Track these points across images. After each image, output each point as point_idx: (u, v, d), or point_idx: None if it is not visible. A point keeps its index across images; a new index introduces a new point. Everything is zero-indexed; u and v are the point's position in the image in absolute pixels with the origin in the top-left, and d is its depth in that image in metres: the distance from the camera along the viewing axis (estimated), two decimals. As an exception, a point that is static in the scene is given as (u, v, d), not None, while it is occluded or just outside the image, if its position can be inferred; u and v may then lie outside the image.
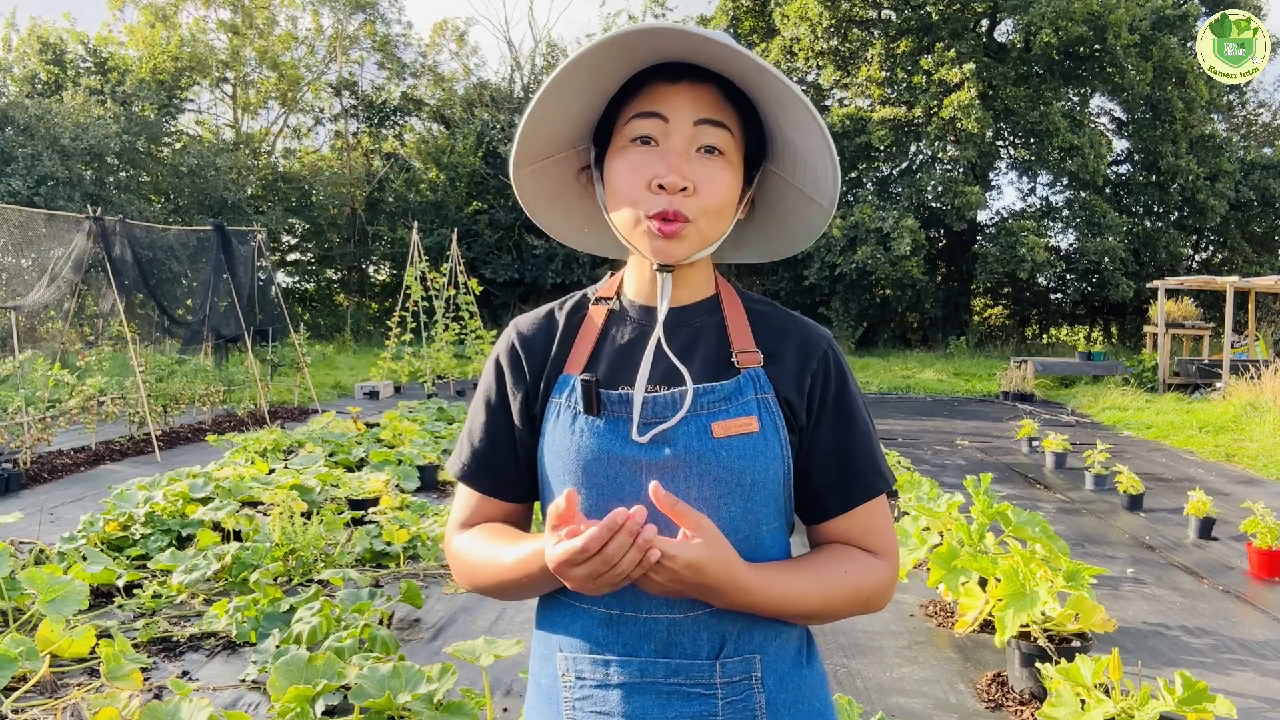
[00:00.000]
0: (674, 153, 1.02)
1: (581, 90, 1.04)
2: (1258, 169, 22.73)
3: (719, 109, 1.03)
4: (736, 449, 1.01)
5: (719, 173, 1.03)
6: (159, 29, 26.11)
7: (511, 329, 1.16)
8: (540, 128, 1.07)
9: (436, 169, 26.21)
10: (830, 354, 1.09)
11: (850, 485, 1.08)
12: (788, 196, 1.14)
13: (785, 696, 1.04)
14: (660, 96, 1.03)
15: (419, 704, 2.71)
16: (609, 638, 1.03)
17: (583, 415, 1.04)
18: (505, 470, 1.13)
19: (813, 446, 1.07)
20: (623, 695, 1.01)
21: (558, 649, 1.06)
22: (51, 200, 18.28)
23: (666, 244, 1.02)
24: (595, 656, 1.03)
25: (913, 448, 9.43)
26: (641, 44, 0.98)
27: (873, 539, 1.09)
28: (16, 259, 9.70)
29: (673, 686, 1.01)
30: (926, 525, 4.50)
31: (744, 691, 1.02)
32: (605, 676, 1.02)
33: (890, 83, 22.94)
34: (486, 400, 1.14)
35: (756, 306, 1.13)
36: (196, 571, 4.32)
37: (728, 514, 1.01)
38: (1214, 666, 3.66)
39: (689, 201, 1.01)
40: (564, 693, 1.05)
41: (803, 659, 1.08)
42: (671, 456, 1.01)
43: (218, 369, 11.81)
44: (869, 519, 1.09)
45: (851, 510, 1.08)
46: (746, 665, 1.02)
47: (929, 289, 22.37)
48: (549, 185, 1.16)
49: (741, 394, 1.04)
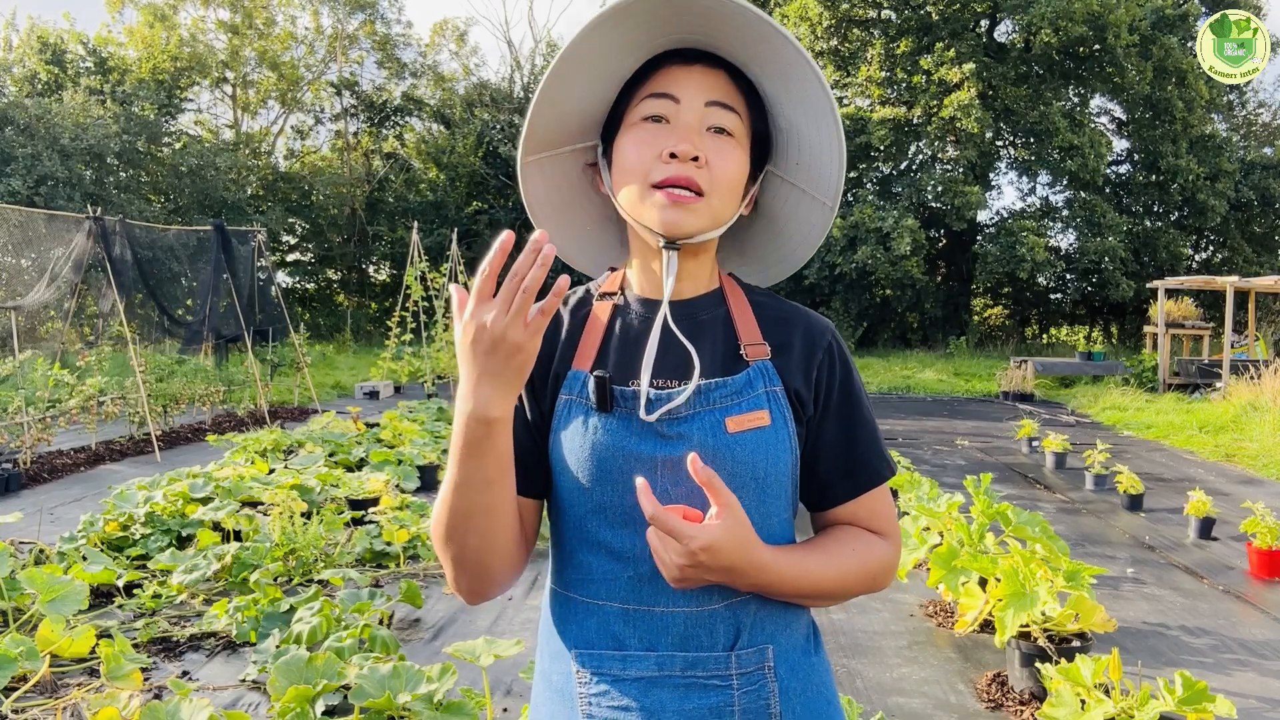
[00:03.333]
0: (685, 125, 1.02)
1: (596, 71, 1.04)
2: (1258, 169, 22.73)
3: (730, 94, 1.05)
4: (750, 443, 1.02)
5: (730, 149, 1.04)
6: (158, 29, 26.11)
7: None
8: (554, 108, 1.07)
9: (436, 169, 26.22)
10: (834, 344, 1.10)
11: (857, 473, 1.10)
12: (789, 200, 1.15)
13: (796, 684, 1.06)
14: (673, 78, 1.04)
15: (419, 704, 2.71)
16: (626, 633, 1.03)
17: (595, 412, 1.04)
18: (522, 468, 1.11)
19: (820, 436, 1.09)
20: (641, 689, 1.02)
21: (573, 645, 1.06)
22: (51, 200, 18.28)
23: (676, 213, 1.01)
24: (613, 652, 1.03)
25: (913, 448, 9.42)
26: (661, 14, 0.99)
27: (879, 522, 1.11)
28: (16, 259, 9.70)
29: (690, 679, 1.01)
30: (926, 525, 4.50)
31: (758, 681, 1.03)
32: (623, 671, 1.02)
33: (890, 83, 22.94)
34: None
35: (759, 299, 1.14)
36: (196, 571, 4.32)
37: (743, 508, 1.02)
38: (1214, 666, 3.65)
39: (701, 172, 1.01)
40: (579, 689, 1.05)
41: (811, 647, 1.10)
42: (687, 452, 1.00)
43: (218, 369, 11.81)
44: (874, 504, 1.11)
45: (858, 498, 1.10)
46: (760, 655, 1.04)
47: (929, 289, 22.37)
48: (554, 178, 1.17)
49: (752, 387, 1.04)
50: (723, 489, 0.95)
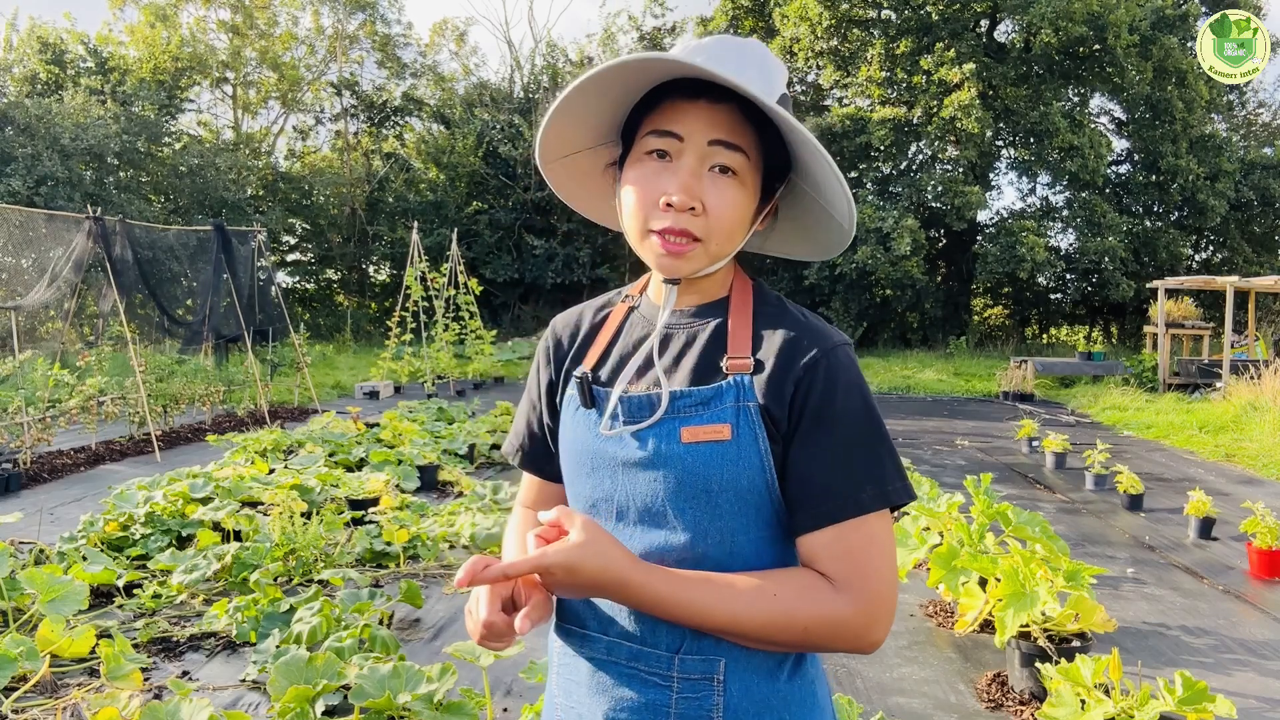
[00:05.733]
0: (685, 170, 1.02)
1: (596, 105, 1.06)
2: (1258, 169, 22.72)
3: (735, 130, 1.02)
4: (702, 455, 1.01)
5: (730, 192, 1.03)
6: (159, 29, 26.09)
7: (552, 323, 1.23)
8: (560, 137, 1.11)
9: (436, 169, 26.21)
10: (823, 362, 1.02)
11: (818, 501, 1.00)
12: (812, 210, 1.14)
13: (749, 706, 1.03)
14: (677, 114, 1.03)
15: (419, 704, 2.71)
16: (587, 614, 1.09)
17: (581, 409, 1.11)
18: (541, 454, 1.23)
19: (788, 458, 1.02)
20: (592, 668, 1.08)
21: (557, 618, 1.14)
22: (51, 200, 18.27)
23: (671, 261, 1.04)
24: (577, 629, 1.10)
25: (913, 448, 9.43)
26: (652, 66, 0.99)
27: (840, 565, 0.98)
28: (16, 259, 9.70)
29: (633, 670, 1.05)
30: (926, 525, 4.50)
31: (702, 691, 1.02)
32: (580, 648, 1.10)
33: (890, 83, 22.93)
34: (529, 389, 1.25)
35: (767, 310, 1.10)
36: (196, 571, 4.32)
37: (692, 518, 1.02)
38: (1214, 666, 3.66)
39: (697, 220, 1.02)
40: (554, 658, 1.15)
41: (782, 673, 1.05)
42: (642, 456, 1.04)
43: (218, 369, 11.81)
44: (843, 542, 0.99)
45: (820, 529, 1.00)
46: (708, 666, 1.02)
47: (929, 289, 22.36)
48: (579, 174, 1.19)
49: (720, 400, 1.03)
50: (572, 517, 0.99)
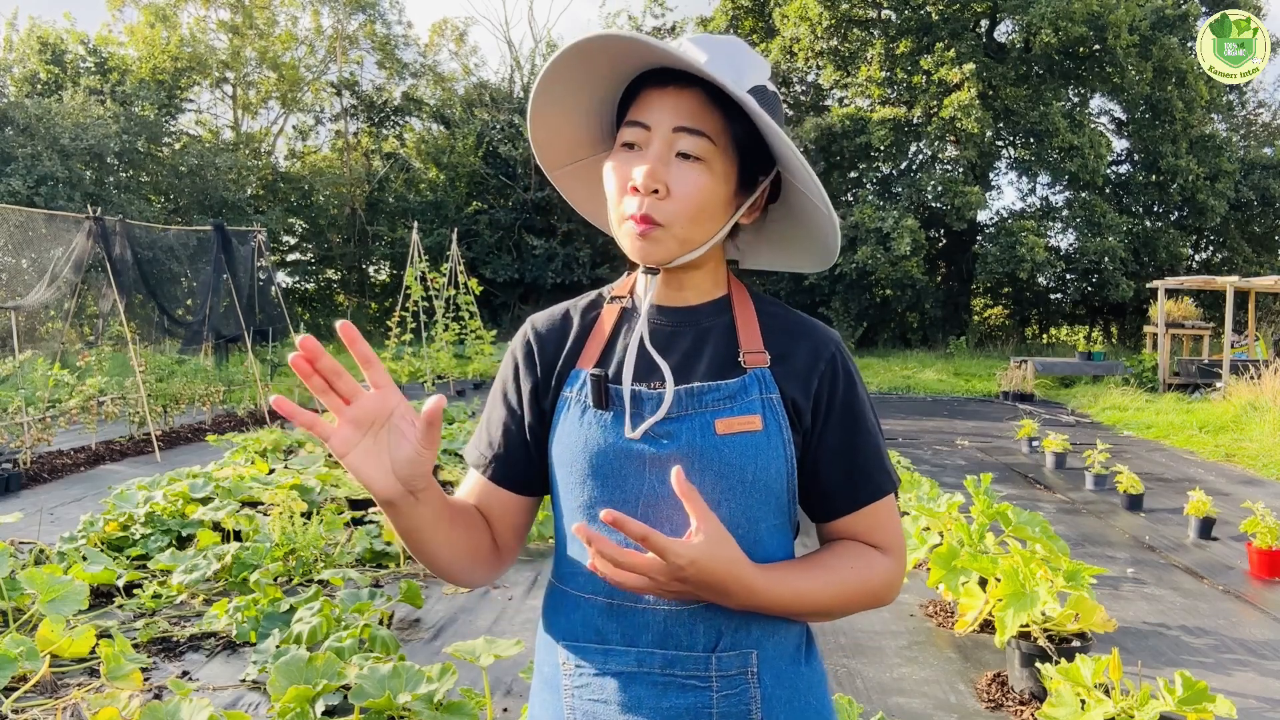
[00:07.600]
0: (650, 156, 1.03)
1: (574, 102, 1.07)
2: (1258, 169, 22.74)
3: (699, 116, 1.03)
4: (738, 446, 1.03)
5: (693, 176, 1.03)
6: (159, 29, 26.10)
7: (527, 324, 1.19)
8: (555, 138, 1.11)
9: (436, 169, 26.23)
10: (838, 356, 1.11)
11: (858, 486, 1.10)
12: (805, 207, 1.14)
13: (782, 693, 1.06)
14: (647, 104, 1.04)
15: (419, 704, 2.71)
16: (609, 626, 1.04)
17: (592, 409, 1.07)
18: (519, 464, 1.14)
19: (821, 448, 1.09)
20: (620, 684, 1.03)
21: (560, 637, 1.08)
22: (51, 200, 18.28)
23: (642, 244, 1.04)
24: (595, 645, 1.05)
25: (913, 447, 9.42)
26: (619, 51, 1.01)
27: (880, 536, 1.11)
28: (16, 259, 9.71)
29: (668, 677, 1.02)
30: (926, 525, 4.50)
31: (739, 686, 1.03)
32: (604, 665, 1.04)
33: (890, 83, 22.94)
34: (502, 392, 1.17)
35: (768, 309, 1.15)
36: (196, 571, 4.32)
37: (728, 510, 1.02)
38: (1214, 666, 3.66)
39: (662, 205, 1.02)
40: (564, 680, 1.07)
41: (801, 656, 1.09)
42: (675, 451, 1.02)
43: (218, 369, 11.81)
44: (876, 518, 1.11)
45: (859, 510, 1.10)
46: (743, 660, 1.04)
47: (929, 289, 22.37)
48: (591, 182, 1.19)
49: (746, 393, 1.05)
50: (701, 505, 0.96)
